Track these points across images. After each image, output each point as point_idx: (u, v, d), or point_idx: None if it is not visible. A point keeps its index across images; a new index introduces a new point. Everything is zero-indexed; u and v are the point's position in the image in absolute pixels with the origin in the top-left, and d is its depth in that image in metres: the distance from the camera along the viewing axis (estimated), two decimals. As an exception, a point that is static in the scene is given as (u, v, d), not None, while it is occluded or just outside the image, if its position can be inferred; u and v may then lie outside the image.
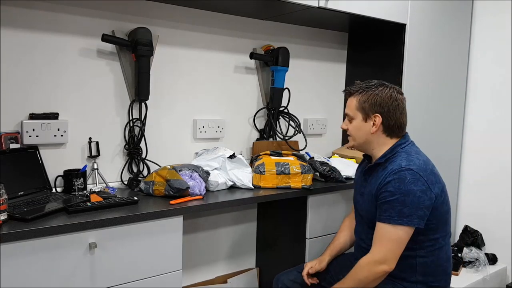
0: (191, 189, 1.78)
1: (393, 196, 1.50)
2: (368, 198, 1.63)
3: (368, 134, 1.63)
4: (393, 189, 1.50)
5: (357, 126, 1.65)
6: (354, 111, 1.64)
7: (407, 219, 1.48)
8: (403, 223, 1.48)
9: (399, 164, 1.54)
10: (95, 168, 1.91)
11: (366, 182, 1.69)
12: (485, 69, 2.71)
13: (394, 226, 1.49)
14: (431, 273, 1.57)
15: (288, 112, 2.44)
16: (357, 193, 1.77)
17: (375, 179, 1.62)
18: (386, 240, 1.51)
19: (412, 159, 1.56)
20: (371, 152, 1.68)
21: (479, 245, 2.64)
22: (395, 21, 2.33)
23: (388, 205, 1.51)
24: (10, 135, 1.70)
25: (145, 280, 1.60)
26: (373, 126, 1.62)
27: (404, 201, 1.48)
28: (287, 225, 2.24)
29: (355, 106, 1.64)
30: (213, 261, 2.38)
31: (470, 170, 2.80)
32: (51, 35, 1.79)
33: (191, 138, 2.21)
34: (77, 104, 1.87)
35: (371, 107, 1.61)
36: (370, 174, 1.67)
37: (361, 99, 1.63)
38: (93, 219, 1.46)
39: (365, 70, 2.65)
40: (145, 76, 1.93)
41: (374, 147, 1.65)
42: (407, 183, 1.49)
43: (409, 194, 1.48)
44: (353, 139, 1.68)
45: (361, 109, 1.63)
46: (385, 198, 1.52)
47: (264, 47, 2.38)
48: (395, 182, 1.51)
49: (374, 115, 1.61)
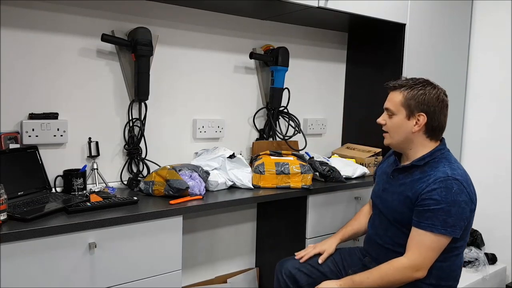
0: (191, 189, 1.78)
1: (438, 205, 1.46)
2: (399, 198, 1.59)
3: (409, 133, 1.58)
4: (439, 198, 1.47)
5: (398, 123, 1.59)
6: (398, 107, 1.58)
7: (450, 229, 1.46)
8: (447, 233, 1.46)
9: (445, 172, 1.50)
10: (95, 168, 1.91)
11: (395, 179, 1.65)
12: (485, 69, 2.71)
13: (437, 235, 1.47)
14: (444, 277, 1.56)
15: (287, 112, 2.44)
16: (379, 188, 1.73)
17: (410, 180, 1.58)
18: (425, 248, 1.48)
19: (455, 168, 1.53)
20: (406, 151, 1.63)
21: (479, 245, 2.65)
22: (394, 21, 2.33)
23: (432, 214, 1.47)
24: (9, 135, 1.70)
25: (144, 280, 1.60)
26: (415, 125, 1.57)
27: (450, 211, 1.45)
28: (286, 225, 2.24)
29: (400, 102, 1.57)
30: (212, 261, 2.38)
31: (470, 170, 2.75)
32: (51, 35, 1.79)
33: (191, 138, 2.21)
34: (76, 104, 1.87)
35: (418, 105, 1.55)
36: (402, 173, 1.63)
37: (407, 95, 1.57)
38: (92, 219, 1.46)
39: (365, 70, 2.65)
40: (145, 76, 1.93)
41: (412, 147, 1.60)
42: (454, 193, 1.46)
43: (455, 204, 1.45)
44: (391, 136, 1.62)
45: (407, 105, 1.57)
46: (429, 206, 1.48)
47: (263, 47, 2.38)
48: (442, 191, 1.47)
49: (419, 114, 1.55)
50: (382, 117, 1.64)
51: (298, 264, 1.78)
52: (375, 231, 1.71)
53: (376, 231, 1.70)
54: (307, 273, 1.75)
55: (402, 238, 1.58)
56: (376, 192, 1.76)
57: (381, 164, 1.84)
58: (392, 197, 1.63)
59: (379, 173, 1.80)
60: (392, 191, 1.64)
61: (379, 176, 1.79)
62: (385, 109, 1.63)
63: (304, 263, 1.77)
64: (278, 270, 1.81)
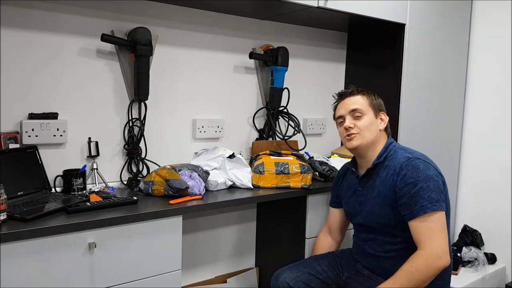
0: (191, 189, 1.78)
1: (416, 186, 1.47)
2: (378, 201, 1.59)
3: (377, 131, 1.65)
4: (413, 180, 1.48)
5: (369, 122, 1.64)
6: (367, 107, 1.65)
7: (438, 203, 1.46)
8: (437, 208, 1.46)
9: (406, 157, 1.55)
10: (95, 168, 1.91)
11: (365, 189, 1.66)
12: (485, 69, 2.71)
13: (431, 214, 1.45)
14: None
15: (287, 112, 2.44)
16: (353, 204, 1.72)
17: (379, 180, 1.59)
18: (431, 232, 1.44)
19: (412, 151, 1.60)
20: (369, 152, 1.65)
21: (478, 244, 2.65)
22: (394, 21, 2.33)
23: (417, 197, 1.47)
24: (9, 135, 1.70)
25: (144, 280, 1.60)
26: (381, 123, 1.67)
27: (429, 186, 1.47)
28: (286, 224, 2.24)
29: (367, 103, 1.66)
30: (212, 261, 2.38)
31: (470, 170, 2.80)
32: (51, 35, 1.79)
33: (191, 138, 2.21)
34: (76, 104, 1.87)
35: (379, 106, 1.69)
36: (369, 178, 1.65)
37: (370, 97, 1.68)
38: (92, 219, 1.46)
39: (364, 70, 2.65)
40: (145, 76, 1.93)
41: (375, 146, 1.65)
42: (423, 170, 1.49)
43: (429, 179, 1.47)
44: (362, 136, 1.63)
45: (373, 106, 1.66)
46: (410, 192, 1.48)
47: (263, 47, 2.38)
48: (412, 173, 1.49)
49: (381, 113, 1.68)
50: (348, 121, 1.65)
51: (296, 273, 1.71)
52: (364, 243, 1.69)
53: (364, 242, 1.69)
54: (306, 282, 1.70)
55: (392, 243, 1.58)
56: (351, 212, 1.74)
57: (338, 183, 1.85)
58: (370, 205, 1.63)
59: (343, 193, 1.80)
60: (368, 200, 1.64)
61: (345, 195, 1.78)
62: (349, 112, 1.66)
63: (302, 271, 1.72)
64: (274, 283, 1.74)
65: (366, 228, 1.67)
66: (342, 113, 1.69)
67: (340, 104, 1.73)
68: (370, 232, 1.66)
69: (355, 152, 1.70)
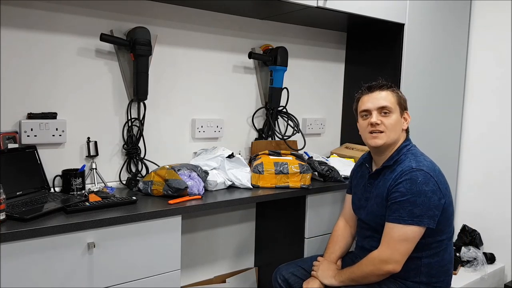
0: (190, 188, 1.78)
1: (404, 197, 1.49)
2: (377, 201, 1.61)
3: (401, 131, 1.63)
4: (404, 190, 1.49)
5: (396, 121, 1.60)
6: (395, 105, 1.60)
7: (417, 219, 1.47)
8: (414, 223, 1.47)
9: (409, 166, 1.53)
10: (94, 167, 1.91)
11: (371, 186, 1.67)
12: (484, 69, 2.71)
13: (403, 226, 1.48)
14: (434, 274, 1.57)
15: (286, 112, 2.44)
16: (359, 198, 1.74)
17: (383, 181, 1.60)
18: (393, 241, 1.50)
19: (420, 160, 1.56)
20: (387, 152, 1.63)
21: (477, 244, 2.65)
22: (393, 21, 2.33)
23: (398, 206, 1.49)
24: (8, 135, 1.70)
25: (143, 280, 1.60)
26: (404, 122, 1.64)
27: (416, 201, 1.47)
28: (285, 224, 2.24)
29: (395, 100, 1.61)
30: (211, 261, 2.38)
31: (469, 170, 2.81)
32: (50, 34, 1.79)
33: (190, 138, 2.21)
34: (75, 104, 1.87)
35: (405, 104, 1.64)
36: (377, 177, 1.65)
37: (396, 94, 1.62)
38: (91, 219, 1.46)
39: (363, 70, 2.65)
40: (144, 75, 1.93)
41: (394, 147, 1.62)
42: (419, 183, 1.48)
43: (421, 194, 1.47)
44: (387, 136, 1.58)
45: (399, 104, 1.61)
46: (396, 199, 1.51)
47: (262, 46, 2.38)
48: (407, 183, 1.49)
49: (406, 112, 1.64)
50: (376, 117, 1.59)
51: (292, 268, 1.81)
52: (364, 239, 1.72)
53: (365, 240, 1.71)
54: (301, 277, 1.77)
55: None
56: (356, 204, 1.77)
57: (354, 174, 1.84)
58: (370, 203, 1.65)
59: (354, 183, 1.81)
60: (372, 197, 1.65)
61: (355, 187, 1.79)
62: (378, 108, 1.59)
63: (298, 268, 1.80)
64: (274, 277, 1.84)
65: (366, 225, 1.69)
66: (369, 106, 1.61)
67: (367, 96, 1.63)
68: (369, 229, 1.68)
69: (374, 149, 1.66)
